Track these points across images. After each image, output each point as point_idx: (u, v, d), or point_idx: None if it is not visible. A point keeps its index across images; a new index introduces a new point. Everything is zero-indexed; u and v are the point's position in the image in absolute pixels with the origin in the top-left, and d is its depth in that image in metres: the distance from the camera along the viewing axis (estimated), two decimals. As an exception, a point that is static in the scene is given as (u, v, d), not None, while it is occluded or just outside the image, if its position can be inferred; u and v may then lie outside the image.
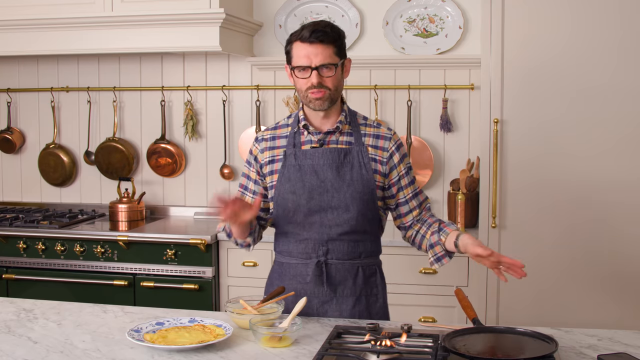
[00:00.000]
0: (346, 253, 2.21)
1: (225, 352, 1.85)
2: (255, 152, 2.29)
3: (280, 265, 2.29)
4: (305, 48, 2.11)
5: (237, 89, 4.01)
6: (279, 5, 3.89)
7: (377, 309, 2.27)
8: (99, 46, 3.60)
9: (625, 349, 1.86)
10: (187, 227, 3.71)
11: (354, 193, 2.17)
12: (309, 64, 2.11)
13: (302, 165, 2.19)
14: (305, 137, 2.23)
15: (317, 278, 2.20)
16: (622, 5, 3.08)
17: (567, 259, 3.20)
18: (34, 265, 3.62)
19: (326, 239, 2.19)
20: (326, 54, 2.11)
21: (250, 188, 2.31)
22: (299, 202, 2.18)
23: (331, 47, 2.13)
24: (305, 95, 2.16)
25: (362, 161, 2.20)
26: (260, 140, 2.29)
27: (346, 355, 1.75)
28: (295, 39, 2.14)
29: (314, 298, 2.22)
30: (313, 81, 2.11)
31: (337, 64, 2.14)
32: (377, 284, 2.28)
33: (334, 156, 2.19)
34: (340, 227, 2.19)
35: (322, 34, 2.10)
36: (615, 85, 3.12)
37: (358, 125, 2.25)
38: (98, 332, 2.02)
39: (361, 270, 2.23)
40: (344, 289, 2.22)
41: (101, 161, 4.14)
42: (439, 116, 3.74)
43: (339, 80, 2.17)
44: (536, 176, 3.21)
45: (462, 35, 3.69)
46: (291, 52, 2.16)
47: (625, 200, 3.15)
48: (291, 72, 2.18)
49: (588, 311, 3.19)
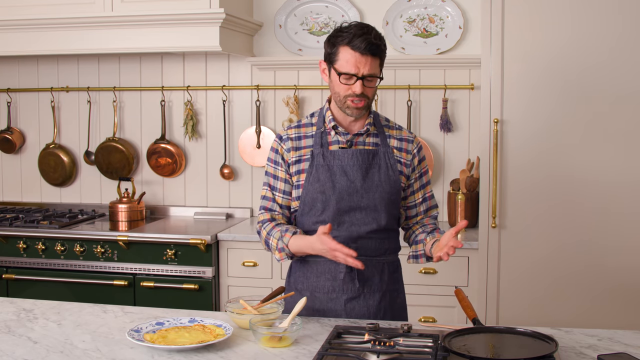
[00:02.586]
0: (374, 250, 2.24)
1: (225, 352, 1.85)
2: (281, 152, 2.28)
3: (305, 262, 2.28)
4: (355, 56, 2.11)
5: (237, 89, 4.01)
6: (279, 5, 3.89)
7: (399, 304, 2.32)
8: (99, 46, 3.61)
9: (625, 349, 1.86)
10: (187, 227, 3.71)
11: (383, 194, 2.21)
12: (356, 72, 2.11)
13: (331, 165, 2.21)
14: (333, 138, 2.25)
15: (348, 275, 2.22)
16: (622, 5, 3.08)
17: (567, 259, 3.20)
18: (34, 265, 3.62)
19: (356, 237, 2.21)
20: (373, 66, 2.13)
21: (279, 188, 2.28)
22: (329, 202, 2.19)
23: (378, 59, 2.15)
24: (344, 101, 2.17)
25: (388, 162, 2.24)
26: (285, 140, 2.28)
27: (346, 355, 1.75)
28: (344, 43, 2.12)
29: (342, 295, 2.23)
30: (357, 90, 2.13)
31: (380, 76, 2.17)
32: (399, 279, 2.34)
33: (364, 157, 2.22)
34: (368, 225, 2.21)
35: (375, 47, 2.12)
36: (616, 84, 3.11)
37: (382, 127, 2.29)
38: (98, 332, 2.02)
39: (386, 266, 2.27)
40: (372, 285, 2.25)
41: (101, 161, 4.14)
42: (439, 116, 3.74)
43: (376, 90, 2.21)
44: (536, 176, 3.21)
45: (462, 35, 3.69)
46: (337, 54, 2.14)
47: (626, 200, 3.15)
48: (328, 69, 2.19)
49: (588, 311, 3.19)
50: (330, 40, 2.17)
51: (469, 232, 3.49)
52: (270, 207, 2.29)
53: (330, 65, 2.18)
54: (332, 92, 2.20)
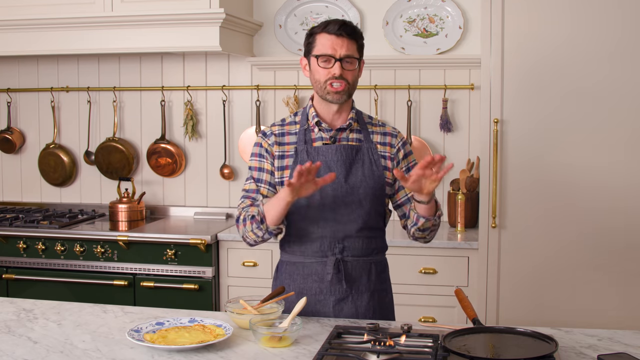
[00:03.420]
0: (361, 250, 2.24)
1: (225, 352, 1.85)
2: (265, 145, 2.28)
3: (292, 264, 2.27)
4: (331, 39, 2.17)
5: (237, 89, 4.01)
6: (279, 5, 3.89)
7: (386, 304, 2.32)
8: (99, 46, 3.61)
9: (625, 349, 1.86)
10: (187, 227, 3.71)
11: (367, 189, 2.21)
12: (333, 54, 2.16)
13: (315, 161, 2.20)
14: (316, 134, 2.26)
15: (335, 276, 2.21)
16: (622, 5, 3.08)
17: (567, 259, 3.20)
18: (34, 265, 3.62)
19: (342, 237, 2.21)
20: (350, 48, 2.19)
21: (265, 179, 2.26)
22: (313, 197, 2.18)
23: (355, 43, 2.20)
24: (324, 87, 2.19)
25: (372, 158, 2.25)
26: (269, 135, 2.29)
27: (346, 355, 1.75)
28: (320, 31, 2.19)
29: (330, 296, 2.23)
30: (335, 72, 2.16)
31: (359, 59, 2.22)
32: (387, 279, 2.34)
33: (347, 152, 2.23)
34: (354, 223, 2.21)
35: (350, 28, 2.19)
36: (616, 84, 3.11)
37: (365, 124, 2.31)
38: (98, 332, 2.02)
39: (374, 266, 2.27)
40: (360, 285, 2.24)
41: (101, 161, 4.14)
42: (439, 116, 3.74)
43: (356, 77, 2.24)
44: (536, 176, 3.21)
45: (462, 35, 3.69)
46: (314, 42, 2.20)
47: (626, 200, 3.14)
48: (308, 63, 2.23)
49: (588, 311, 3.19)
50: (307, 35, 2.25)
51: (468, 232, 3.49)
52: (254, 196, 2.25)
53: (309, 56, 2.23)
54: (313, 83, 2.23)
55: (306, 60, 2.25)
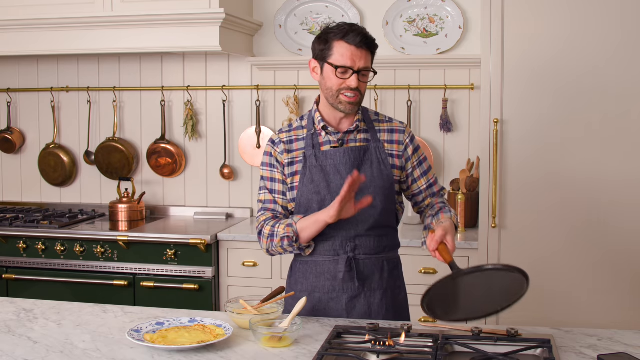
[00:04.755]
0: (373, 248, 2.24)
1: (225, 352, 1.85)
2: (275, 154, 2.28)
3: (305, 263, 2.28)
4: (351, 50, 2.14)
5: (237, 89, 4.01)
6: (279, 5, 3.89)
7: (400, 301, 2.33)
8: (99, 46, 3.61)
9: (625, 349, 1.86)
10: (187, 227, 3.71)
11: (377, 189, 2.22)
12: (352, 66, 2.14)
13: (324, 165, 2.22)
14: (324, 138, 2.26)
15: (347, 274, 2.22)
16: (623, 5, 3.08)
17: (567, 259, 3.20)
18: (34, 265, 3.62)
19: (353, 235, 2.22)
20: (368, 60, 2.18)
21: (278, 190, 2.28)
22: (324, 202, 2.20)
23: (370, 54, 2.19)
24: (336, 96, 2.18)
25: (380, 157, 2.25)
26: (277, 143, 2.29)
27: (346, 355, 1.76)
28: (338, 38, 2.15)
29: (343, 294, 2.23)
30: (352, 84, 2.15)
31: (374, 70, 2.20)
32: (400, 276, 2.35)
33: (355, 154, 2.23)
34: (366, 222, 2.22)
35: (370, 40, 2.17)
36: (616, 84, 3.11)
37: (372, 122, 2.31)
38: (98, 332, 2.02)
39: (386, 263, 2.28)
40: (372, 283, 2.25)
41: (101, 161, 4.14)
42: (439, 116, 3.74)
43: (366, 87, 2.24)
44: (536, 176, 3.21)
45: (462, 35, 3.69)
46: (331, 49, 2.16)
47: (626, 200, 3.14)
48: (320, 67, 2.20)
49: (588, 311, 3.19)
50: (322, 37, 2.19)
51: (468, 232, 3.49)
52: (273, 208, 2.28)
53: (322, 62, 2.19)
54: (324, 89, 2.20)
55: (316, 63, 2.22)
